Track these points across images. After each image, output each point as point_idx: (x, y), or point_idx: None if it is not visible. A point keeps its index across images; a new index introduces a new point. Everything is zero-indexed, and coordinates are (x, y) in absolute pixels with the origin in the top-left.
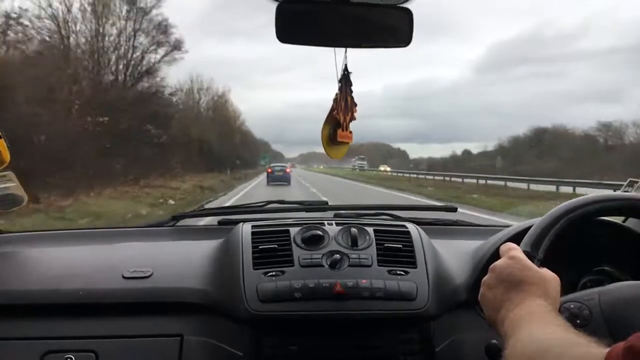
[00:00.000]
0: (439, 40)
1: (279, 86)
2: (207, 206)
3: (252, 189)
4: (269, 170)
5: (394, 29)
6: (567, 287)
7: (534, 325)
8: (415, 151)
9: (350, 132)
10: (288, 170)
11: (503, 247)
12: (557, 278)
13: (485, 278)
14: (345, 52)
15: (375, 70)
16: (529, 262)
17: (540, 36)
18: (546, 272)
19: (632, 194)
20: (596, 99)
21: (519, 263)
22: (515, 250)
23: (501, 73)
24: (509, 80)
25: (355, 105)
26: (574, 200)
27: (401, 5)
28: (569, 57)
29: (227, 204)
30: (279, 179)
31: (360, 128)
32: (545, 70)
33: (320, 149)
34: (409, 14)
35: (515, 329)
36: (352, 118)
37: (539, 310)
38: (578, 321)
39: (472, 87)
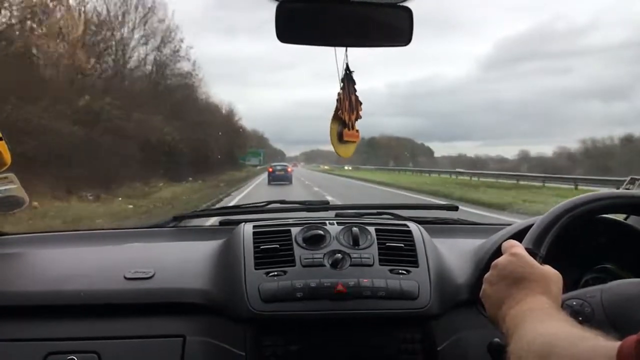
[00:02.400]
0: (444, 36)
1: (279, 84)
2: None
3: None
4: (270, 169)
5: (394, 28)
6: (569, 284)
7: (537, 322)
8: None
9: (357, 130)
10: (289, 169)
11: (505, 244)
12: (559, 275)
13: (487, 275)
14: (346, 51)
15: (378, 67)
16: (531, 259)
17: (549, 31)
18: (548, 269)
19: (634, 191)
20: (605, 94)
21: (520, 260)
22: (518, 247)
23: (508, 69)
24: (516, 76)
25: (361, 104)
26: (575, 197)
27: (401, 4)
28: (578, 52)
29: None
30: (280, 178)
31: (364, 126)
32: (554, 65)
33: (325, 147)
34: (409, 13)
35: (518, 325)
36: (358, 117)
37: (541, 306)
38: (580, 318)
39: (477, 84)
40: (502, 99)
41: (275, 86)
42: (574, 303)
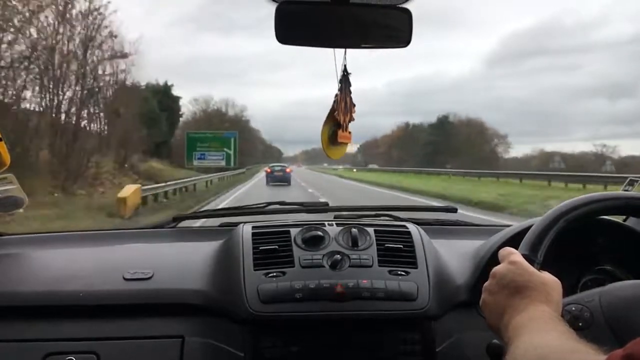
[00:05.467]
0: (446, 33)
1: (277, 84)
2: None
3: None
4: (268, 170)
5: (394, 30)
6: (568, 286)
7: (534, 333)
8: None
9: (350, 132)
10: (288, 170)
11: (502, 252)
12: (559, 282)
13: (486, 284)
14: (345, 52)
15: (379, 66)
16: (530, 266)
17: (557, 26)
18: (548, 277)
19: (632, 193)
20: (613, 92)
21: (520, 268)
22: (515, 255)
23: (513, 66)
24: (522, 73)
25: (354, 105)
26: (572, 199)
27: (400, 5)
28: (586, 48)
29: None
30: (279, 179)
31: (363, 127)
32: (561, 62)
33: None
34: (408, 14)
35: (517, 336)
36: (351, 119)
37: (542, 316)
38: (580, 323)
39: (481, 82)
40: (506, 96)
41: (273, 86)
42: (573, 308)
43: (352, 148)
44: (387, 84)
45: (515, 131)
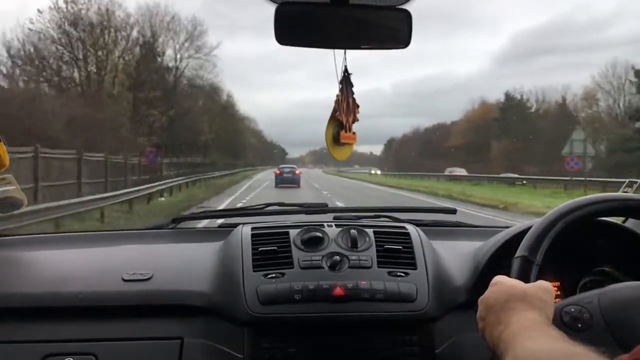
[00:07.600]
0: (454, 31)
1: (282, 85)
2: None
3: None
4: (277, 171)
5: (393, 31)
6: (567, 287)
7: (527, 340)
8: None
9: (354, 133)
10: (297, 172)
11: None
12: (546, 287)
13: (477, 313)
14: (345, 53)
15: (382, 67)
16: (511, 282)
17: (569, 23)
18: (531, 286)
19: (631, 194)
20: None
21: (502, 286)
22: (498, 277)
23: (524, 65)
24: (531, 72)
25: (358, 106)
26: (571, 201)
27: (400, 6)
28: (600, 45)
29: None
30: (288, 180)
31: (367, 128)
32: (574, 60)
33: None
34: (407, 15)
35: (509, 347)
36: (355, 119)
37: (529, 324)
38: (579, 325)
39: (490, 82)
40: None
41: (277, 87)
42: (572, 309)
43: (375, 149)
44: (393, 84)
45: None
